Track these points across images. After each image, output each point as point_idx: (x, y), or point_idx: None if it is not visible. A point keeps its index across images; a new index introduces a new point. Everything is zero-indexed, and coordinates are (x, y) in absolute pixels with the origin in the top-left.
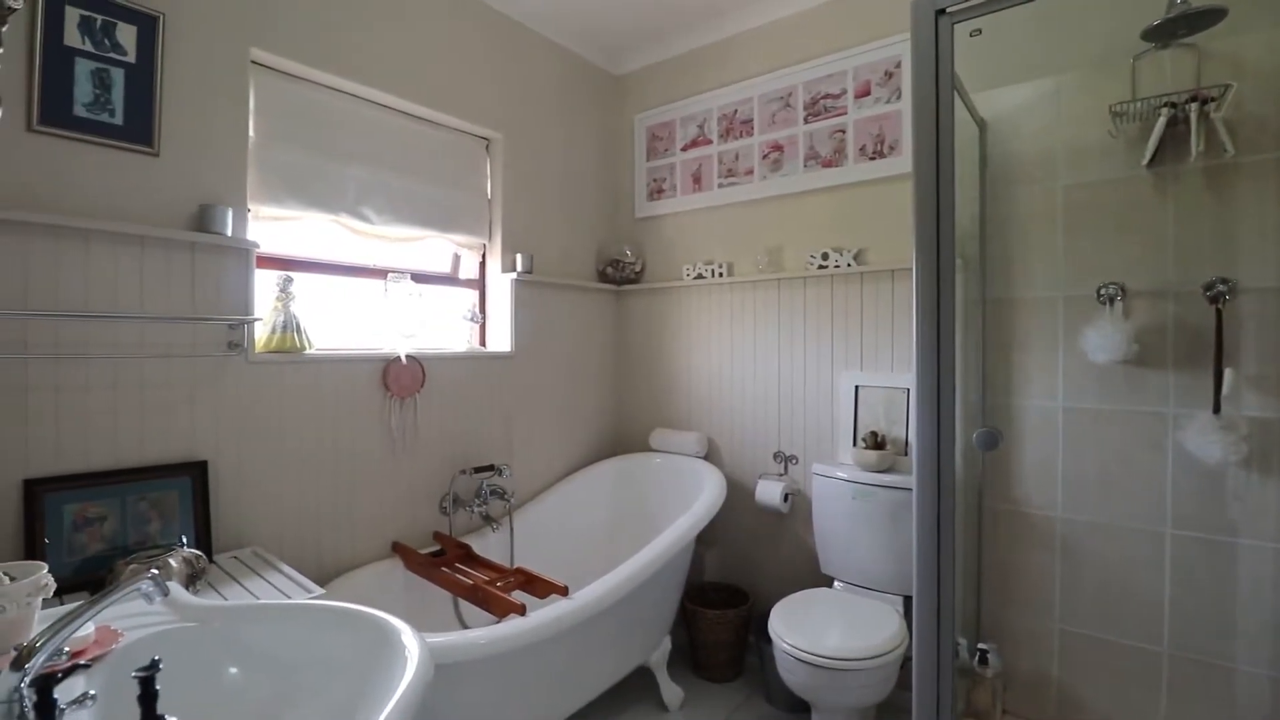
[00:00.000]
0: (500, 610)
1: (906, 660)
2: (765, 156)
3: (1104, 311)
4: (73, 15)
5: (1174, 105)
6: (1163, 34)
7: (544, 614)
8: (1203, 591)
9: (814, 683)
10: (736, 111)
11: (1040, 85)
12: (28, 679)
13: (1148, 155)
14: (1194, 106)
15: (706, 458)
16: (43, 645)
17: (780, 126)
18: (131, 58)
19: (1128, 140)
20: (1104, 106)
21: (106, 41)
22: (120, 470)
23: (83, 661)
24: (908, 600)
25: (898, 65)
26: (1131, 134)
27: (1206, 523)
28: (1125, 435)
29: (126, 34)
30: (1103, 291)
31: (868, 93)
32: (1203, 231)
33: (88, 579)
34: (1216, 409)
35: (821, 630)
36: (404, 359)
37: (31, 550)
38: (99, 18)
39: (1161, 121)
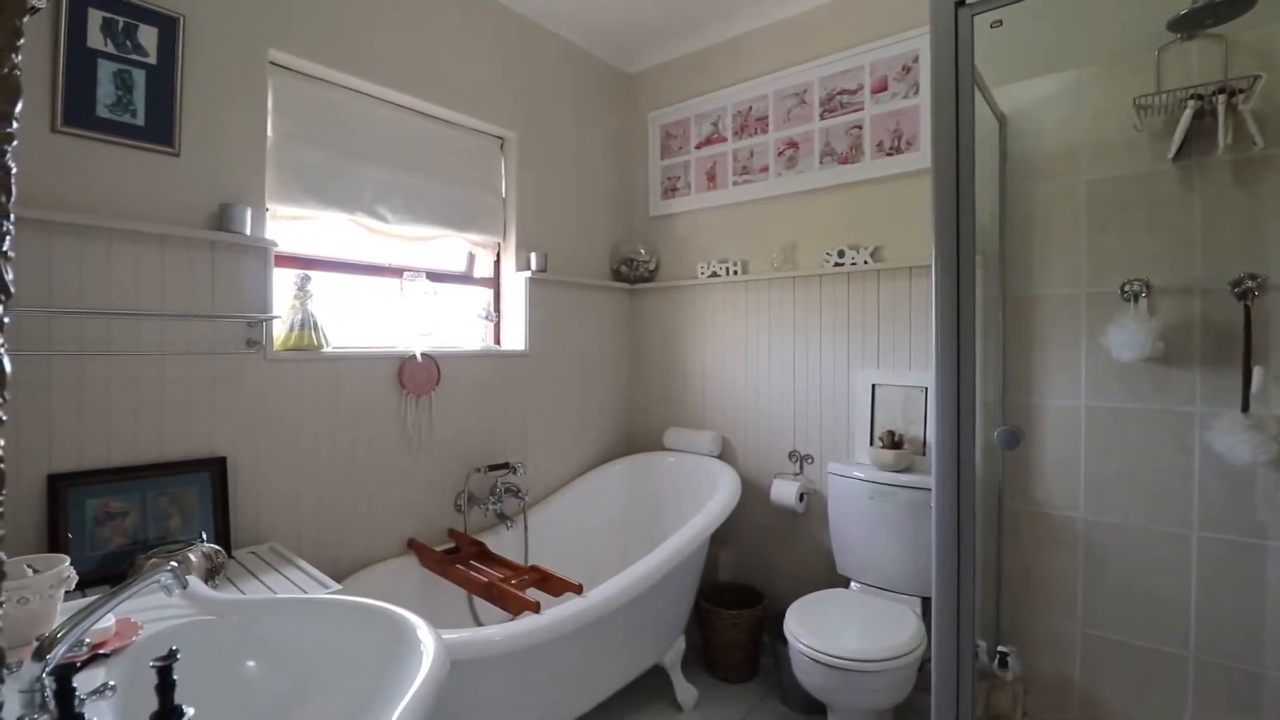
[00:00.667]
0: (515, 608)
1: (925, 662)
2: (780, 153)
3: (1128, 309)
4: (95, 18)
5: (1200, 97)
6: (1189, 24)
7: (559, 612)
8: (1230, 595)
9: (830, 684)
10: (751, 108)
11: (1062, 78)
12: (49, 668)
13: (1173, 148)
14: (1221, 98)
15: (721, 457)
16: (64, 636)
17: (796, 123)
18: (153, 59)
19: (1153, 133)
20: (1128, 99)
21: (128, 43)
22: (141, 466)
23: (103, 652)
24: (926, 601)
25: (915, 60)
26: (1156, 127)
27: (1234, 524)
28: (1150, 435)
29: (148, 36)
30: (1127, 288)
31: (885, 88)
32: (1230, 226)
33: (110, 573)
34: (1245, 408)
35: (838, 631)
36: (419, 357)
37: (55, 544)
38: (121, 20)
39: (1188, 114)
